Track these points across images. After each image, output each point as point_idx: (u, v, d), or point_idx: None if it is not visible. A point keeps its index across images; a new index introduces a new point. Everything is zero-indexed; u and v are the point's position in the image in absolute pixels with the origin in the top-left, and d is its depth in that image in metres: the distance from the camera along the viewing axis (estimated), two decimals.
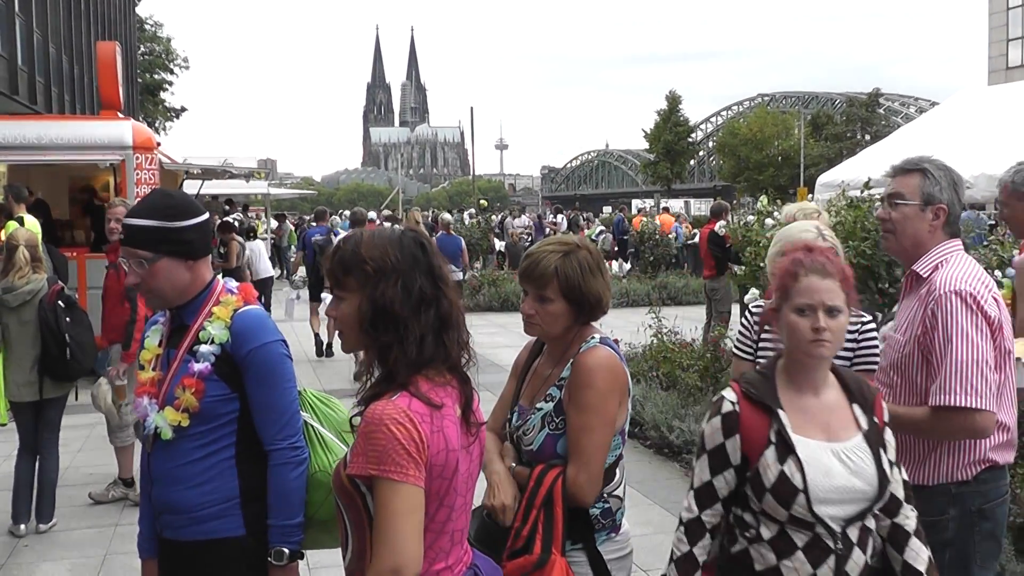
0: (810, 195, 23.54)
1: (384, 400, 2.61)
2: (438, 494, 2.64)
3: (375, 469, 2.53)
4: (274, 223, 36.06)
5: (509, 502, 3.46)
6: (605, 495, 3.54)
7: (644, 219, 30.45)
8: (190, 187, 20.42)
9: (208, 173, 19.47)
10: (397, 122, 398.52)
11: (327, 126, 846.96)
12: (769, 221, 11.39)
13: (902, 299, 3.95)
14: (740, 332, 4.68)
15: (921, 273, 3.77)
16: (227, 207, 29.28)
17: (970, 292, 3.60)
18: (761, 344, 4.49)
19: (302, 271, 17.98)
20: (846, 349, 4.17)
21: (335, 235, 18.15)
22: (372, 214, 25.89)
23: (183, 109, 69.07)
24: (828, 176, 20.49)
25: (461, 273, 18.23)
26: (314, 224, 20.12)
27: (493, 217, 42.02)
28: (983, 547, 3.70)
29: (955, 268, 3.71)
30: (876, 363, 4.10)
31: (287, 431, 3.38)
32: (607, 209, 58.32)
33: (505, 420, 3.78)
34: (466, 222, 33.28)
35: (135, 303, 8.18)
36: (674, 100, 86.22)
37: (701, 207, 66.19)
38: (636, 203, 65.92)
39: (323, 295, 17.20)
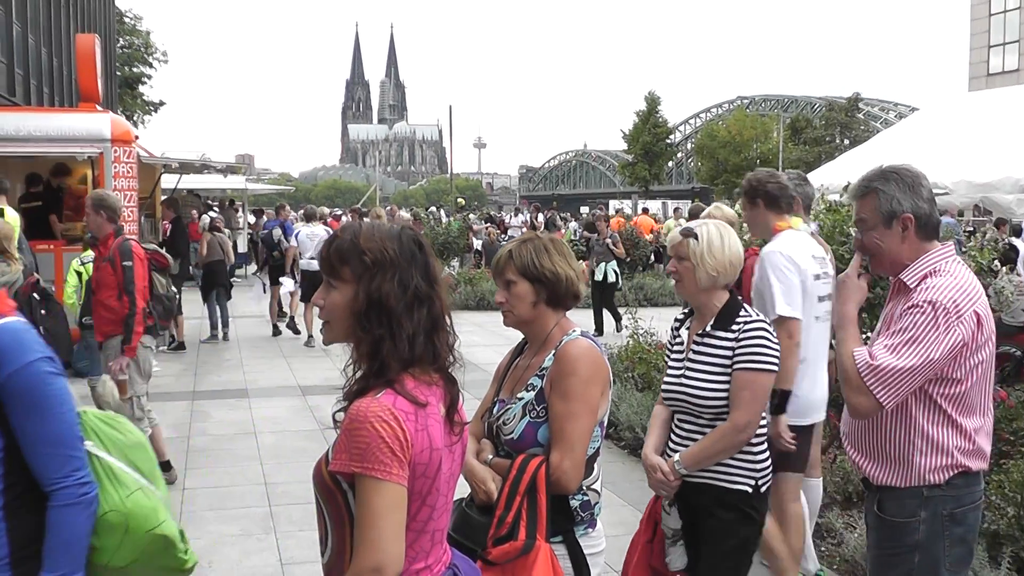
0: None
1: (369, 397, 2.57)
2: (420, 493, 2.62)
3: (358, 466, 2.50)
4: (252, 218, 35.98)
5: (493, 487, 3.50)
6: (584, 488, 3.58)
7: (621, 219, 30.54)
8: (168, 181, 20.33)
9: (186, 167, 19.39)
10: (376, 119, 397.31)
11: (305, 122, 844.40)
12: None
13: (886, 304, 3.93)
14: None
15: (908, 283, 3.71)
16: (210, 202, 29.21)
17: (945, 305, 3.53)
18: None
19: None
20: (726, 348, 4.18)
21: (286, 229, 18.67)
22: (338, 211, 26.10)
23: (161, 103, 68.61)
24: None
25: None
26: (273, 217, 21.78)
27: (471, 216, 41.98)
28: (953, 552, 3.69)
29: (943, 279, 3.63)
30: (757, 362, 4.11)
31: (71, 465, 2.82)
32: (584, 209, 58.41)
33: (483, 422, 3.80)
34: (443, 220, 33.25)
35: (134, 296, 8.17)
36: (653, 101, 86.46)
37: (680, 208, 66.26)
38: (614, 204, 66.00)
39: (281, 279, 18.09)
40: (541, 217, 37.22)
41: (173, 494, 8.32)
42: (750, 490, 4.19)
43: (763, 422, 4.24)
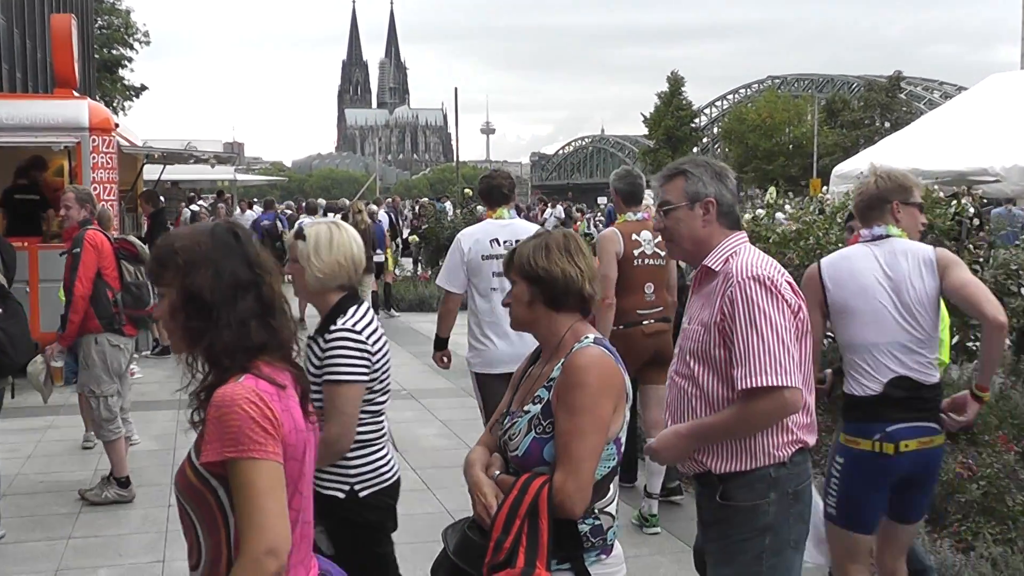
0: (824, 187, 23.53)
1: (231, 383, 2.74)
2: (292, 478, 2.79)
3: (232, 451, 2.64)
4: (259, 210, 36.11)
5: (494, 502, 3.51)
6: (596, 511, 3.55)
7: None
8: (150, 172, 20.37)
9: (170, 157, 19.43)
10: (375, 104, 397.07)
11: (298, 108, 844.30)
12: (780, 215, 11.43)
13: (691, 296, 4.25)
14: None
15: (712, 267, 4.05)
16: (191, 194, 29.22)
17: (767, 276, 3.89)
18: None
19: None
20: (314, 363, 4.37)
21: (281, 221, 19.15)
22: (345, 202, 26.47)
23: (143, 88, 68.72)
24: (844, 167, 20.48)
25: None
26: (262, 211, 23.43)
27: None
28: (796, 529, 4.05)
29: (748, 257, 4.00)
30: (334, 373, 4.33)
31: None
32: (602, 200, 58.30)
33: (495, 433, 3.83)
34: (448, 213, 33.23)
35: (72, 284, 8.29)
36: (676, 82, 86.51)
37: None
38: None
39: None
40: (559, 210, 37.18)
41: (156, 512, 8.37)
42: (342, 495, 4.43)
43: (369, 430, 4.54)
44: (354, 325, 4.42)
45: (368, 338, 4.44)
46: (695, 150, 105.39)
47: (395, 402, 12.16)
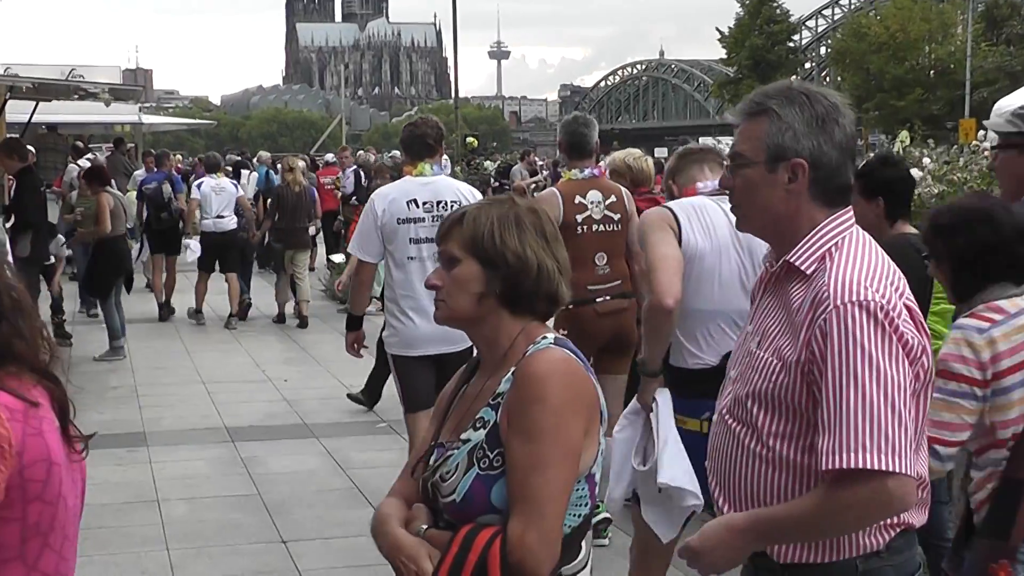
0: (980, 133, 23.29)
1: None
2: (39, 528, 2.85)
3: None
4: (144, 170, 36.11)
5: (428, 567, 3.46)
6: None
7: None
8: (17, 110, 20.35)
9: (46, 90, 19.45)
10: (339, 15, 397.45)
11: (230, 22, 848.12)
12: (915, 172, 11.27)
13: (760, 295, 4.11)
14: None
15: (801, 266, 3.84)
16: (78, 143, 29.23)
17: (880, 301, 3.64)
18: None
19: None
20: None
21: (175, 183, 19.47)
22: (329, 156, 26.62)
23: None
24: (1010, 100, 20.38)
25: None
26: (155, 168, 23.68)
27: (487, 163, 42.01)
28: None
29: (853, 262, 3.77)
30: None
31: None
32: (661, 152, 58.35)
33: (416, 478, 3.81)
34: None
35: None
36: None
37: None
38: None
39: (187, 242, 20.57)
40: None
41: None
42: None
43: None
44: None
45: None
46: (793, 79, 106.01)
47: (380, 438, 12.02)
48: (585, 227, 8.54)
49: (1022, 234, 5.14)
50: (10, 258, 12.61)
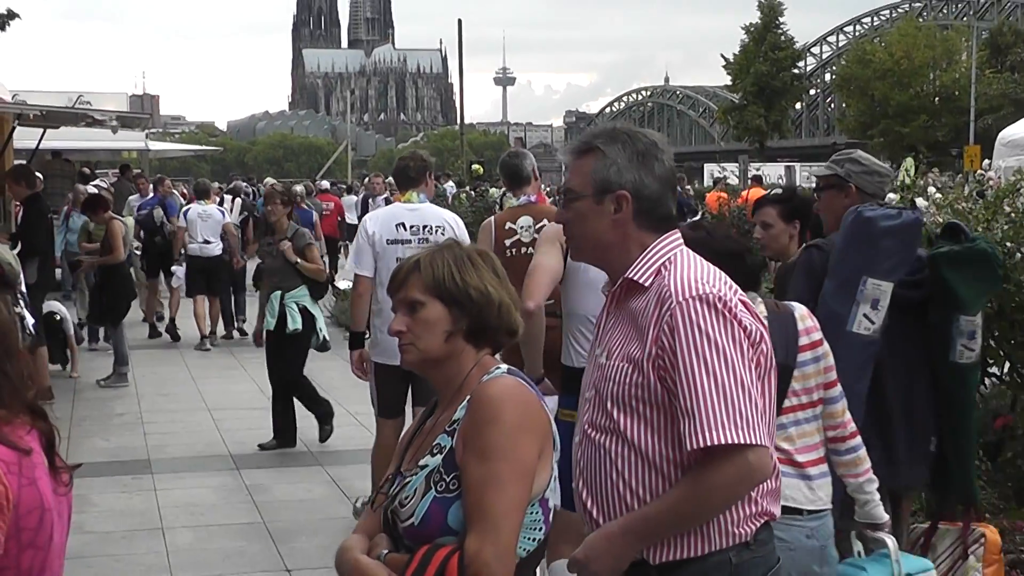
0: (986, 161, 23.24)
1: None
2: (30, 571, 2.90)
3: None
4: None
5: None
6: None
7: (722, 193, 30.35)
8: (25, 137, 20.36)
9: (53, 118, 19.41)
10: (345, 42, 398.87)
11: (237, 48, 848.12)
12: (921, 201, 11.24)
13: (605, 316, 4.31)
14: None
15: (640, 280, 4.09)
16: (85, 170, 29.20)
17: (718, 294, 3.93)
18: None
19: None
20: None
21: (168, 207, 20.13)
22: (325, 184, 26.91)
23: (11, 16, 69.04)
24: (1016, 129, 20.27)
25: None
26: (152, 193, 24.90)
27: (493, 190, 41.92)
28: None
29: (688, 268, 4.05)
30: None
31: None
32: None
33: (377, 511, 3.95)
34: (449, 196, 33.14)
35: None
36: (772, 10, 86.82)
37: (811, 177, 66.25)
38: (711, 169, 65.86)
39: (173, 268, 21.15)
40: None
41: None
42: None
43: None
44: None
45: None
46: (798, 107, 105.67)
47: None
48: (514, 250, 8.92)
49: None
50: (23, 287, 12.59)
